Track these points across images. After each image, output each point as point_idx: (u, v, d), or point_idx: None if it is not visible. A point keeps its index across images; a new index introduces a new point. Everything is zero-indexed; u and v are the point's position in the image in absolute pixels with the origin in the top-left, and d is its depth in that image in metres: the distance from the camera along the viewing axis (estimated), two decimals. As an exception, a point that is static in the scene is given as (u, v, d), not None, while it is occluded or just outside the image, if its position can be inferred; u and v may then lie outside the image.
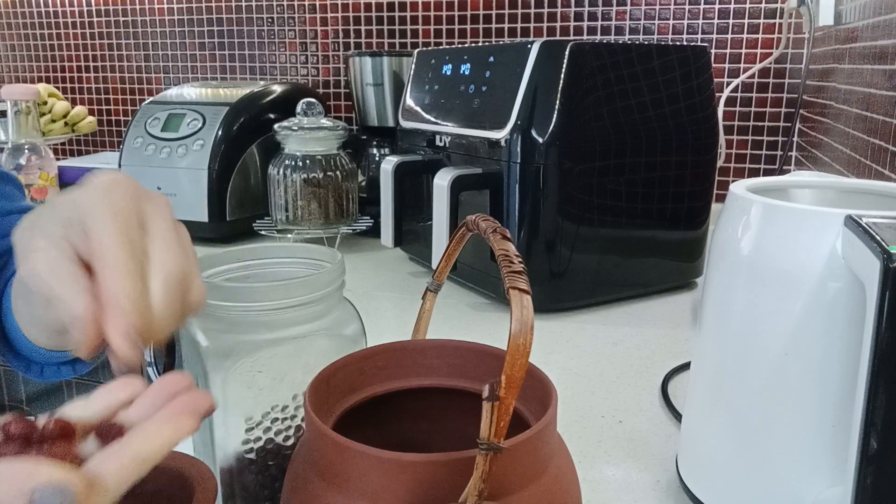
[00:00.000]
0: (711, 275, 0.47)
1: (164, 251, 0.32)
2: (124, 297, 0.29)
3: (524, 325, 0.28)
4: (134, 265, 0.30)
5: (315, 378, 0.38)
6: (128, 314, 0.29)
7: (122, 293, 0.30)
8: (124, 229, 0.31)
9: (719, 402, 0.46)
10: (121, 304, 0.29)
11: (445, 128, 0.95)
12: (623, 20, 1.37)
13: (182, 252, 0.33)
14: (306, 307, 0.41)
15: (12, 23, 1.85)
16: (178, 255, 0.32)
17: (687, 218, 0.93)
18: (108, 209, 0.31)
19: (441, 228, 0.87)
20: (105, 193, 0.32)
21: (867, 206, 0.45)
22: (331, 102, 1.60)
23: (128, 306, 0.29)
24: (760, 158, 1.36)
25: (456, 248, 0.41)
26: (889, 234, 0.34)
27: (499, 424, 0.28)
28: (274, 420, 0.43)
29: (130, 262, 0.30)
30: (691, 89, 0.90)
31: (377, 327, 0.83)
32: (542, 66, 0.83)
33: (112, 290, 0.30)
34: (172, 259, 0.32)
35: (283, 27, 1.60)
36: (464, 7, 1.46)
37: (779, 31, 1.29)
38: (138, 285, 0.30)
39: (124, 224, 0.31)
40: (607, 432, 0.61)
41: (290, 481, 0.35)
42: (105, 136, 1.84)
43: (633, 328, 0.84)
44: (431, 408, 0.45)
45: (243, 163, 1.22)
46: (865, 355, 0.34)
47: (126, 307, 0.29)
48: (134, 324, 0.29)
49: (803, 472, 0.42)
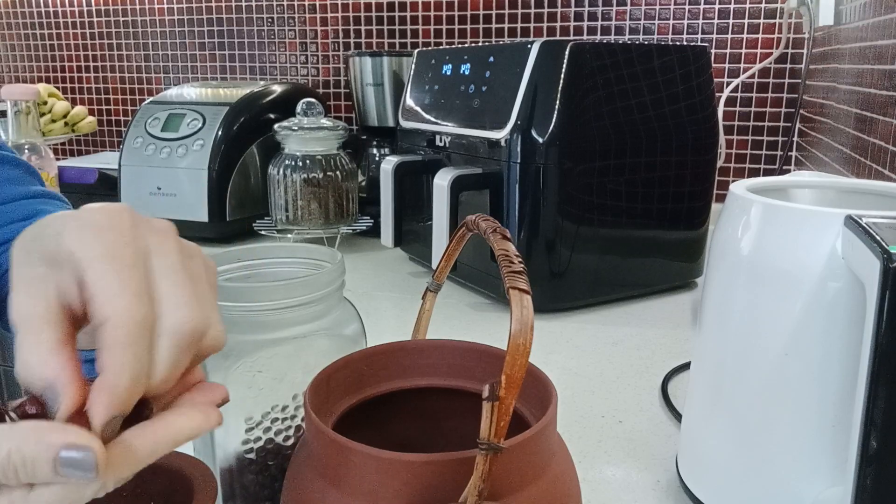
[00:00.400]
0: (711, 275, 0.47)
1: (175, 304, 0.28)
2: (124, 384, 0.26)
3: (524, 325, 0.28)
4: (140, 331, 0.26)
5: (315, 378, 0.38)
6: (121, 399, 0.26)
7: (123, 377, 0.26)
8: (129, 287, 0.26)
9: (719, 402, 0.46)
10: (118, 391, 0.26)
11: (445, 128, 0.95)
12: (623, 20, 1.37)
13: (196, 300, 0.28)
14: (306, 307, 0.41)
15: (12, 23, 1.85)
16: (192, 306, 0.28)
17: (687, 218, 0.93)
18: (105, 254, 0.27)
19: (441, 228, 0.87)
20: (99, 235, 0.27)
21: (867, 206, 0.45)
22: (331, 102, 1.61)
23: (124, 392, 0.26)
24: (760, 158, 1.36)
25: (456, 248, 0.41)
26: (889, 234, 0.34)
27: (499, 424, 0.28)
28: (274, 420, 0.43)
29: (136, 331, 0.26)
30: (691, 89, 0.90)
31: (377, 327, 0.83)
32: (542, 66, 0.83)
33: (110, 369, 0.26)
34: (185, 314, 0.28)
35: (283, 27, 1.60)
36: (464, 7, 1.46)
37: (779, 31, 1.29)
38: (143, 360, 0.26)
39: (128, 278, 0.27)
40: (607, 432, 0.61)
41: (290, 481, 0.35)
42: (105, 136, 1.84)
43: (633, 328, 0.84)
44: (431, 408, 0.45)
45: (243, 163, 1.22)
46: (865, 355, 0.34)
47: (122, 394, 0.26)
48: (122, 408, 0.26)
49: (803, 472, 0.42)
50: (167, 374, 0.27)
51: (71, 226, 0.27)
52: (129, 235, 0.28)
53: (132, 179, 1.22)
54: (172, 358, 0.27)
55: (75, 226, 0.27)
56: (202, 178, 1.17)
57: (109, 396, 0.25)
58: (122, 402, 0.26)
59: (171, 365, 0.27)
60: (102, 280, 0.26)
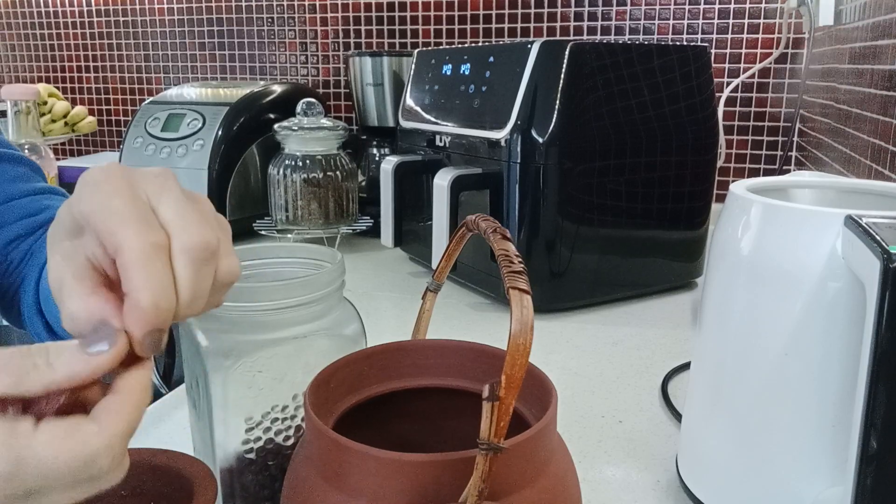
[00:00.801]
0: (711, 275, 0.47)
1: (182, 226, 0.29)
2: (146, 299, 0.27)
3: (524, 325, 0.28)
4: (154, 252, 0.28)
5: (315, 378, 0.38)
6: (149, 315, 0.27)
7: (144, 292, 0.27)
8: (133, 216, 0.28)
9: (719, 402, 0.46)
10: (141, 306, 0.27)
11: (445, 128, 0.95)
12: (623, 20, 1.37)
13: (203, 221, 0.30)
14: (306, 307, 0.41)
15: (12, 23, 1.85)
16: (199, 225, 0.29)
17: (687, 218, 0.93)
18: (107, 203, 0.29)
19: (441, 228, 0.87)
20: (96, 188, 0.29)
21: (867, 206, 0.45)
22: (331, 102, 1.61)
23: (149, 307, 0.27)
24: (760, 158, 1.36)
25: (456, 248, 0.41)
26: (889, 234, 0.34)
27: (499, 424, 0.28)
28: (274, 420, 0.43)
29: (149, 250, 0.28)
30: (691, 89, 0.90)
31: (377, 327, 0.83)
32: (542, 66, 0.83)
33: (132, 289, 0.27)
34: (193, 231, 0.29)
35: (283, 27, 1.60)
36: (464, 7, 1.46)
37: (779, 31, 1.29)
38: (161, 277, 0.28)
39: (130, 211, 0.28)
40: (607, 432, 0.61)
41: (290, 481, 0.35)
42: (105, 136, 1.84)
43: (633, 328, 0.84)
44: (431, 408, 0.45)
45: (243, 163, 1.22)
46: (865, 355, 0.34)
47: (147, 309, 0.27)
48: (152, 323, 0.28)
49: (803, 472, 0.42)
50: (192, 290, 0.29)
51: (77, 195, 0.30)
52: (124, 179, 0.30)
53: (132, 179, 1.22)
54: (192, 275, 0.29)
55: (79, 192, 0.30)
56: (202, 178, 1.17)
57: (139, 312, 0.27)
58: (153, 316, 0.27)
59: (193, 282, 0.29)
60: (108, 219, 0.28)
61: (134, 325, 0.27)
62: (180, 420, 0.62)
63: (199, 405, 0.43)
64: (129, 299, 0.27)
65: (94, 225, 0.28)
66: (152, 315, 0.27)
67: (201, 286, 0.29)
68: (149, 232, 0.28)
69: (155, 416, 0.63)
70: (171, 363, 1.15)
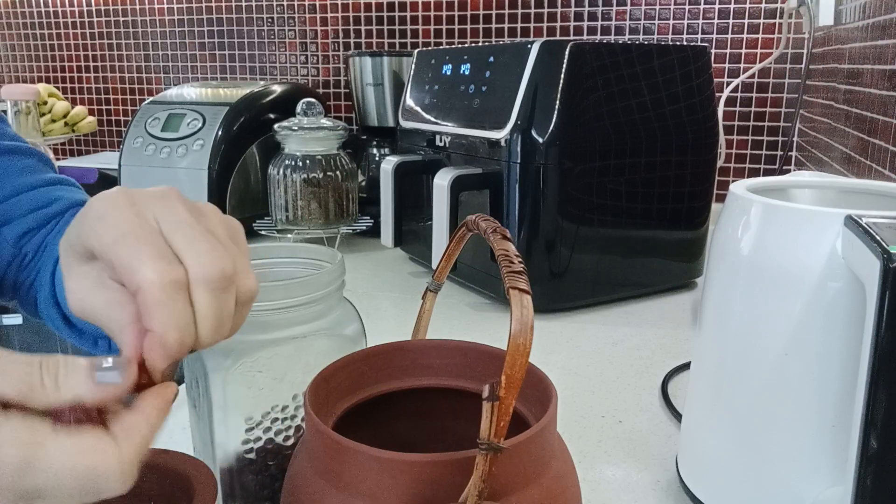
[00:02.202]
0: (711, 275, 0.47)
1: (196, 257, 0.29)
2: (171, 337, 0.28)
3: (524, 325, 0.28)
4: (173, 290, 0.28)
5: (315, 378, 0.38)
6: (172, 351, 0.28)
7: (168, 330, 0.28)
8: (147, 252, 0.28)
9: (719, 402, 0.46)
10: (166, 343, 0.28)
11: (445, 128, 0.95)
12: (623, 20, 1.37)
13: (216, 245, 0.30)
14: (306, 307, 0.41)
15: (12, 23, 1.85)
16: (213, 253, 0.29)
17: (687, 218, 0.93)
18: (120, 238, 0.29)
19: (441, 228, 0.87)
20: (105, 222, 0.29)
21: (867, 206, 0.45)
22: (331, 102, 1.61)
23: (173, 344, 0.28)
24: (760, 158, 1.36)
25: (456, 248, 0.41)
26: (889, 234, 0.34)
27: (499, 424, 0.28)
28: (274, 420, 0.42)
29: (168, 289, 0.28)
30: (691, 89, 0.90)
31: (377, 327, 0.83)
32: (542, 66, 0.83)
33: (155, 326, 0.28)
34: (208, 262, 0.29)
35: (283, 27, 1.60)
36: (464, 7, 1.46)
37: (779, 31, 1.29)
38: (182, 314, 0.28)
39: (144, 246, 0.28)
40: (607, 432, 0.61)
41: (290, 481, 0.35)
42: (105, 136, 1.84)
43: (633, 328, 0.84)
44: (431, 408, 0.45)
45: (243, 163, 1.22)
46: (865, 355, 0.34)
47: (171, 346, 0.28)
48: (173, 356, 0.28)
49: (803, 472, 0.42)
50: (214, 321, 0.29)
51: (85, 226, 0.30)
52: (131, 211, 0.30)
53: (132, 179, 1.22)
54: (213, 305, 0.29)
55: (90, 225, 0.30)
56: (202, 178, 1.17)
57: (162, 350, 0.28)
58: (176, 352, 0.28)
59: (214, 313, 0.29)
60: (124, 256, 0.28)
61: (156, 359, 0.28)
62: (180, 420, 0.62)
63: (199, 405, 0.43)
64: (153, 336, 0.28)
65: (111, 262, 0.29)
66: (175, 351, 0.28)
67: (222, 315, 0.30)
68: (166, 269, 0.28)
69: (155, 416, 0.63)
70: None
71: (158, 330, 0.28)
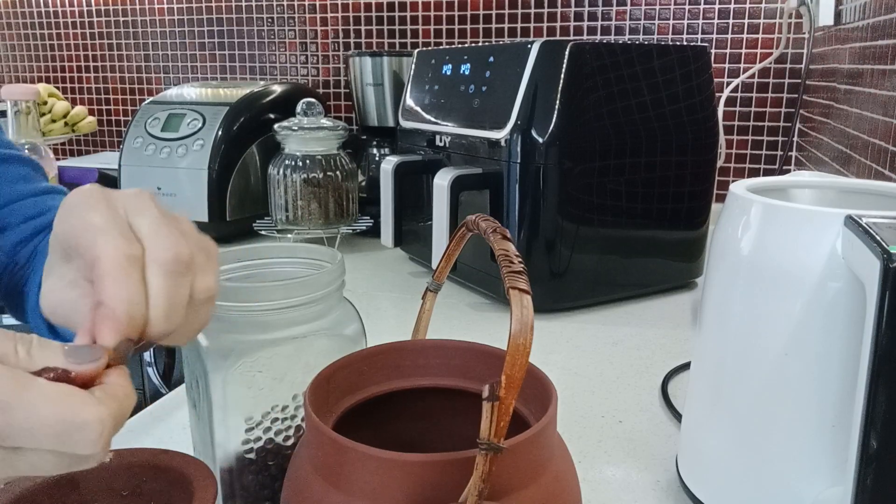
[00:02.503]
0: (711, 275, 0.47)
1: (155, 239, 0.30)
2: (120, 308, 0.28)
3: (524, 325, 0.28)
4: (128, 263, 0.29)
5: (315, 378, 0.38)
6: (121, 325, 0.28)
7: (117, 302, 0.28)
8: (108, 229, 0.29)
9: (719, 402, 0.46)
10: (115, 315, 0.28)
11: (445, 128, 0.95)
12: (623, 20, 1.37)
13: (178, 236, 0.31)
14: (306, 307, 0.41)
15: (12, 23, 1.85)
16: (173, 238, 0.30)
17: (687, 218, 0.93)
18: (85, 218, 0.30)
19: (441, 228, 0.87)
20: (75, 208, 0.31)
21: (867, 206, 0.45)
22: (331, 102, 1.61)
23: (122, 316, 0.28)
24: (760, 158, 1.36)
25: (456, 248, 0.41)
26: (889, 234, 0.34)
27: (499, 424, 0.28)
28: (274, 420, 0.43)
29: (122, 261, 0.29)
30: (691, 89, 0.90)
31: (377, 327, 0.83)
32: (542, 66, 0.83)
33: (105, 298, 0.28)
34: (167, 244, 0.30)
35: (283, 27, 1.60)
36: (464, 7, 1.46)
37: (779, 31, 1.29)
38: (134, 288, 0.29)
39: (106, 224, 0.30)
40: (607, 432, 0.61)
41: (290, 481, 0.35)
42: (105, 136, 1.84)
43: (633, 328, 0.84)
44: (431, 408, 0.45)
45: (243, 163, 1.22)
46: (865, 355, 0.34)
47: (121, 318, 0.28)
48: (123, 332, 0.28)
49: (803, 472, 0.42)
50: (165, 302, 0.29)
51: (59, 217, 0.32)
52: (102, 198, 0.31)
53: (132, 179, 1.22)
54: (165, 287, 0.29)
55: (60, 215, 0.32)
56: (202, 178, 1.17)
57: (110, 321, 0.28)
58: (123, 325, 0.28)
59: (165, 293, 0.29)
60: (86, 233, 0.30)
61: (106, 333, 0.28)
62: (180, 420, 0.62)
63: (199, 405, 0.43)
64: (103, 308, 0.28)
65: (74, 241, 0.30)
66: (124, 324, 0.28)
67: (174, 299, 0.30)
68: (124, 244, 0.29)
69: (155, 416, 0.63)
70: (171, 363, 1.15)
71: (109, 303, 0.28)
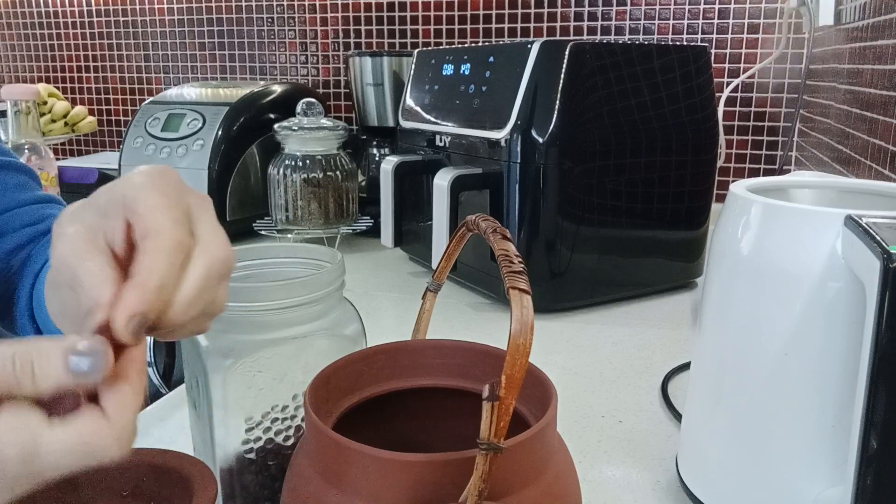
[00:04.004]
0: (711, 275, 0.47)
1: (211, 239, 0.31)
2: (154, 281, 0.28)
3: (524, 325, 0.28)
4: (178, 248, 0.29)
5: (315, 378, 0.38)
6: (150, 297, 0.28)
7: (154, 276, 0.28)
8: (172, 214, 0.30)
9: (719, 402, 0.46)
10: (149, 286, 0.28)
11: (445, 128, 0.95)
12: (623, 20, 1.37)
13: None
14: (306, 307, 0.41)
15: (12, 23, 1.85)
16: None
17: (687, 218, 0.93)
18: (158, 191, 0.30)
19: (441, 228, 0.87)
20: (152, 179, 0.31)
21: (867, 206, 0.45)
22: (331, 102, 1.61)
23: (154, 290, 0.28)
24: (760, 158, 1.36)
25: (456, 248, 0.41)
26: (889, 234, 0.34)
27: (499, 424, 0.28)
28: (274, 420, 0.43)
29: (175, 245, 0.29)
30: (691, 89, 0.90)
31: (377, 327, 0.83)
32: (542, 66, 0.83)
33: (143, 269, 0.28)
34: (220, 245, 0.31)
35: (283, 27, 1.60)
36: (464, 7, 1.46)
37: (779, 31, 1.29)
38: (173, 271, 0.29)
39: (172, 209, 0.30)
40: (607, 432, 0.61)
41: (290, 481, 0.35)
42: (105, 136, 1.84)
43: (633, 328, 0.84)
44: (431, 408, 0.45)
45: (243, 163, 1.22)
46: (865, 355, 0.34)
47: (152, 290, 0.28)
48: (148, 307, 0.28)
49: (803, 472, 0.42)
50: (192, 294, 0.30)
51: (126, 179, 0.31)
52: (176, 185, 0.32)
53: (132, 179, 1.22)
54: (201, 281, 0.30)
55: (129, 177, 0.31)
56: (202, 178, 1.17)
57: (138, 291, 0.28)
58: (148, 301, 0.28)
59: (197, 287, 0.30)
60: (152, 207, 0.30)
61: (131, 299, 0.27)
62: (180, 420, 0.62)
63: (199, 405, 0.43)
64: (137, 278, 0.28)
65: (136, 206, 0.30)
66: (153, 298, 0.28)
67: (201, 296, 0.30)
68: (180, 231, 0.30)
69: (155, 416, 0.63)
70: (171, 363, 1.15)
71: (143, 273, 0.28)
